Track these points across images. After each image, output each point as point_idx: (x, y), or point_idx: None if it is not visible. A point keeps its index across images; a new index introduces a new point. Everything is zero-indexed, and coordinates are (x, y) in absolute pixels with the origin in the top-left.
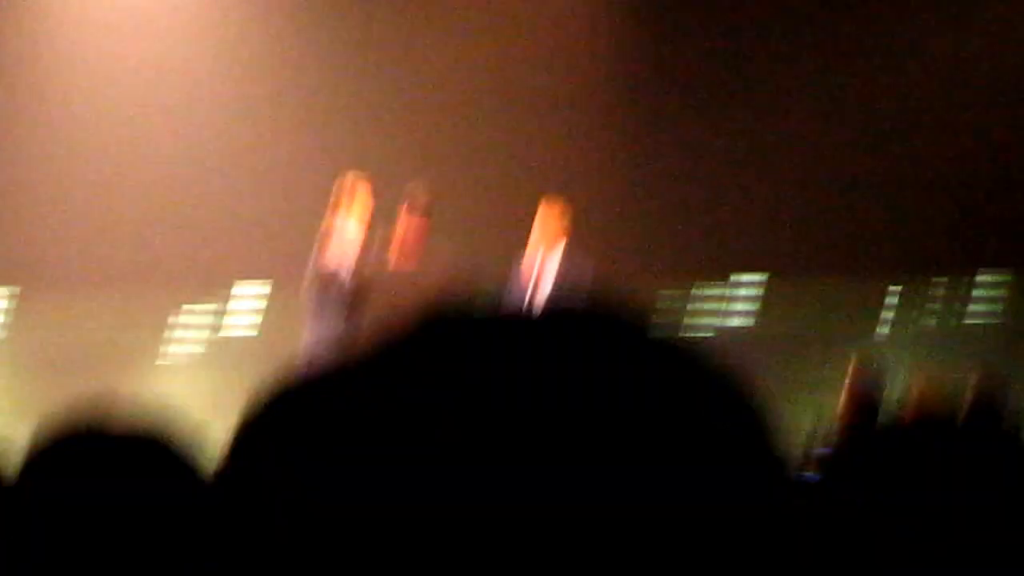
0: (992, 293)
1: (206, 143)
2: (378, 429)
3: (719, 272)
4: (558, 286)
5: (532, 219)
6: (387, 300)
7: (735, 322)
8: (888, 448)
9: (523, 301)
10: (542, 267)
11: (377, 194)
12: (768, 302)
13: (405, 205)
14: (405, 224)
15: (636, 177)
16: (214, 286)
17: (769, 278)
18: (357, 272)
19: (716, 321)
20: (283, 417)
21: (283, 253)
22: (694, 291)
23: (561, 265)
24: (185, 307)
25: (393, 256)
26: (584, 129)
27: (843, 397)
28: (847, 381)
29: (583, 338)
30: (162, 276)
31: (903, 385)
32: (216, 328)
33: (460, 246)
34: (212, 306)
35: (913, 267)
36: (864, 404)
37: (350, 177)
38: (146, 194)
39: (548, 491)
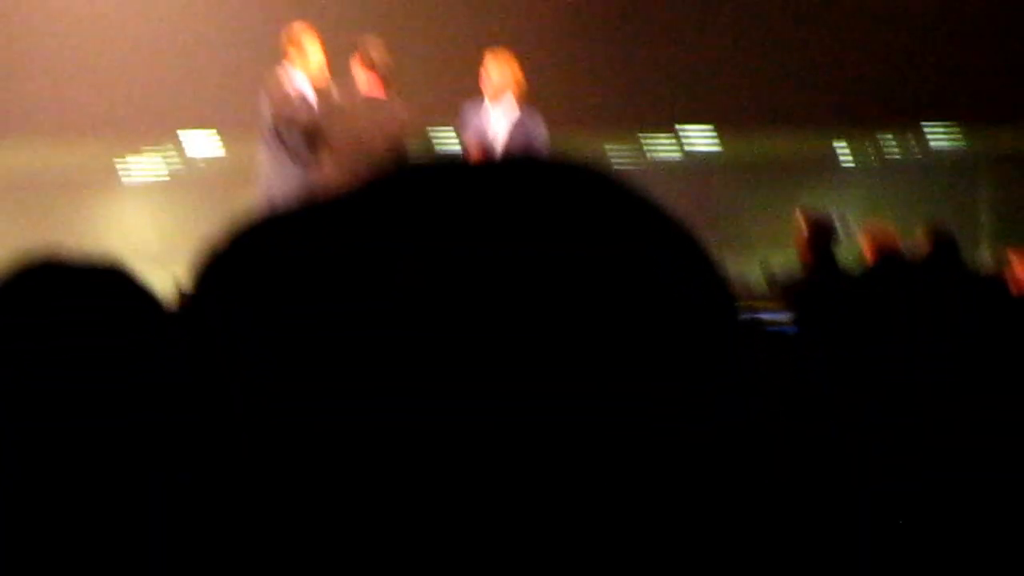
0: (938, 144)
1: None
2: (341, 279)
3: (666, 122)
4: (507, 135)
5: (481, 71)
6: (344, 136)
7: (681, 173)
8: (857, 290)
9: (474, 151)
10: (491, 118)
11: (326, 46)
12: (715, 153)
13: (357, 57)
14: (358, 77)
15: (583, 28)
16: (160, 135)
17: (715, 128)
18: (312, 112)
19: (663, 172)
20: (245, 265)
21: (229, 102)
22: (641, 140)
23: (509, 116)
24: (131, 156)
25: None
26: None
27: (798, 243)
28: (799, 228)
29: (541, 191)
30: (108, 125)
31: (854, 235)
32: (161, 174)
33: (411, 98)
34: (159, 153)
35: (858, 119)
36: (819, 249)
37: (296, 27)
38: (87, 43)
39: (507, 344)
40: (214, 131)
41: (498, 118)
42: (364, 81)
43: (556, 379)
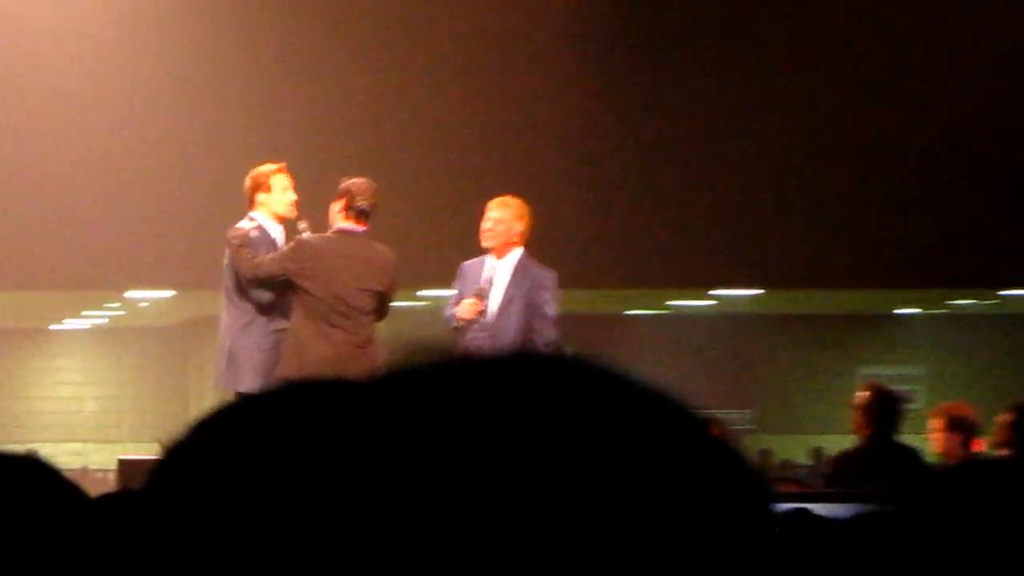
0: (1017, 307)
1: (100, 149)
2: (319, 473)
3: (701, 285)
4: (513, 298)
5: (482, 221)
6: (317, 280)
7: (715, 344)
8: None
9: (471, 315)
10: (494, 277)
11: (300, 188)
12: (755, 322)
13: (342, 204)
14: (333, 216)
15: (607, 174)
16: (109, 292)
17: (758, 294)
18: (281, 261)
19: (694, 342)
20: (216, 453)
21: (182, 258)
22: (670, 305)
23: (515, 275)
24: (83, 312)
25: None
26: (544, 119)
27: (856, 416)
28: (859, 399)
29: (545, 394)
30: (58, 281)
31: (921, 412)
32: (109, 331)
33: (402, 249)
34: (108, 311)
35: (927, 283)
36: (880, 424)
37: (264, 170)
38: (38, 200)
39: (508, 539)
40: (166, 289)
41: (502, 277)
42: (340, 218)
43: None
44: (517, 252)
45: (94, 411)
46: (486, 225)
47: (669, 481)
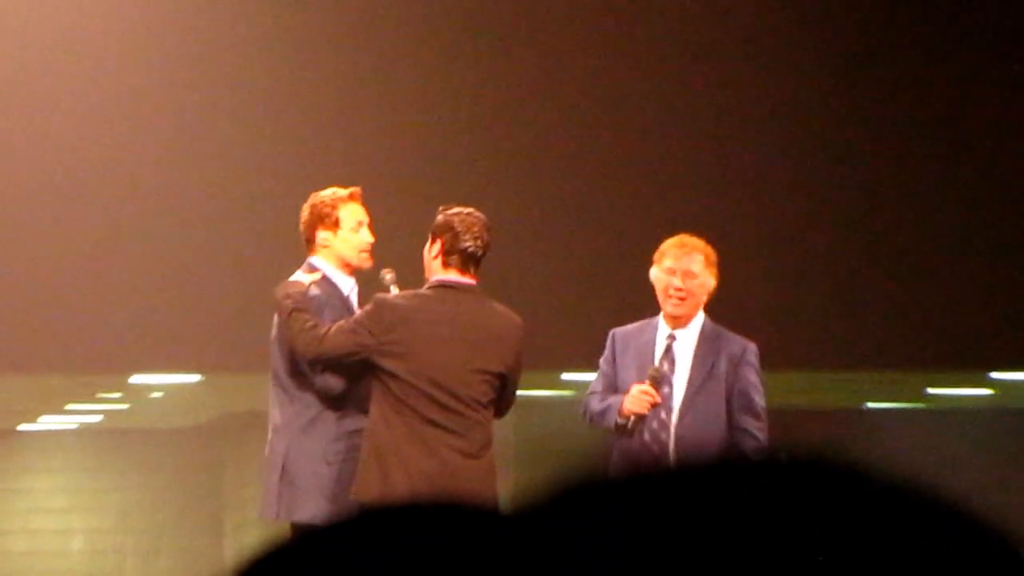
0: None
1: (97, 173)
2: None
3: (975, 367)
4: (700, 384)
5: (651, 270)
6: (406, 357)
7: (995, 449)
8: None
9: (638, 408)
10: (669, 352)
11: (380, 223)
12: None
13: (440, 246)
14: (430, 264)
15: (835, 209)
16: (107, 377)
17: None
18: (356, 332)
19: (965, 447)
20: None
21: (208, 331)
22: (932, 395)
23: (703, 349)
24: (68, 406)
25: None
26: (741, 129)
27: None
28: None
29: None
30: (33, 363)
31: None
32: (106, 434)
33: (532, 313)
34: (105, 404)
35: None
36: None
37: (327, 198)
38: (41, 280)
39: None
40: (187, 372)
41: (684, 353)
42: (438, 267)
43: None
44: (699, 317)
45: (84, 551)
46: (673, 282)
47: None
